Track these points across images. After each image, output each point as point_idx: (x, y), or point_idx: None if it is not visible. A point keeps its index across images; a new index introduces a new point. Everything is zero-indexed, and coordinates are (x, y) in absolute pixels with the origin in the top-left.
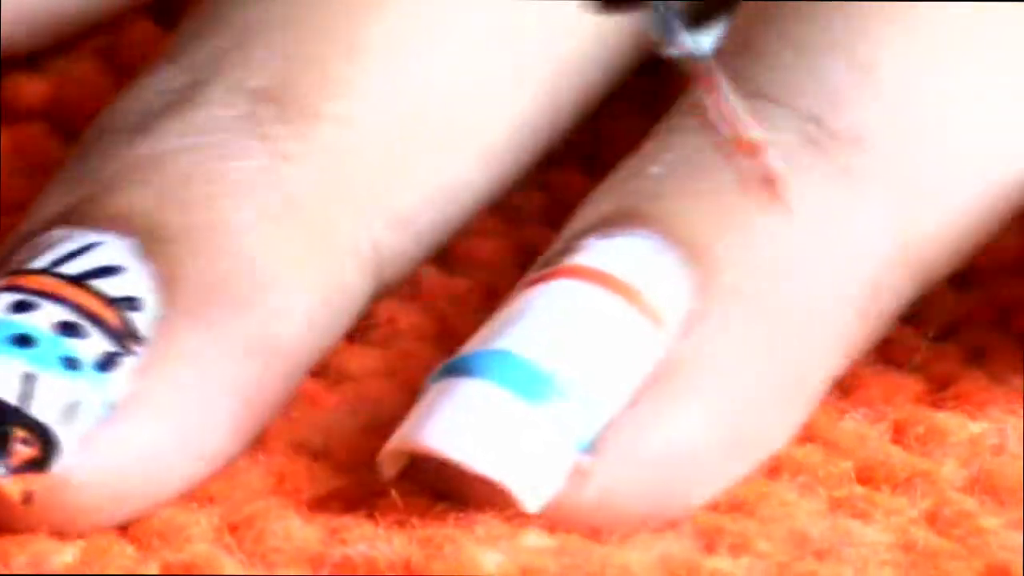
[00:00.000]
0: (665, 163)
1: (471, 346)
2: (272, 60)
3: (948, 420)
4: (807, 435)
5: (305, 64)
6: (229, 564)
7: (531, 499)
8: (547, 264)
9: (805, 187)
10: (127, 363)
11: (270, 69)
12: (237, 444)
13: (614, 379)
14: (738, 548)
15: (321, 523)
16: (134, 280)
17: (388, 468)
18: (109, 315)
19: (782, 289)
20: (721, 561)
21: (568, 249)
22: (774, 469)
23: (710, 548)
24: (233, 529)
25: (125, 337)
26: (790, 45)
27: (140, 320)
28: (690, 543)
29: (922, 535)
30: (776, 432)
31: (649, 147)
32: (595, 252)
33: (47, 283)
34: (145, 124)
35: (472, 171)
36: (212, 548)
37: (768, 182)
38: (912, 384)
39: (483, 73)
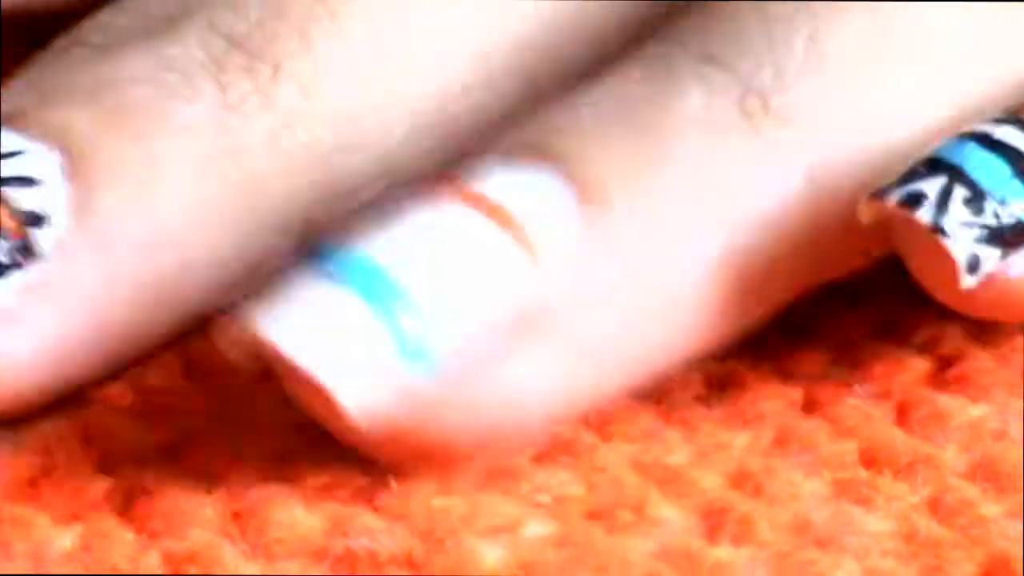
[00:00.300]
0: (596, 96)
1: (340, 239)
2: (257, 9)
3: (950, 403)
4: (811, 407)
5: (285, 21)
6: (231, 554)
7: (353, 404)
8: (445, 179)
9: (721, 155)
10: (15, 277)
11: (252, 18)
12: (95, 379)
13: (468, 302)
14: (740, 536)
15: (324, 514)
16: (48, 196)
17: (227, 348)
18: (11, 225)
19: (668, 250)
20: (722, 551)
21: (467, 171)
22: (780, 440)
23: (712, 534)
24: (236, 517)
25: (22, 251)
26: (758, 12)
27: (42, 237)
28: (692, 527)
29: (923, 523)
30: (623, 379)
31: (586, 85)
32: (489, 178)
33: None
34: (114, 46)
35: (422, 152)
36: (214, 537)
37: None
38: (916, 363)
39: (454, 66)
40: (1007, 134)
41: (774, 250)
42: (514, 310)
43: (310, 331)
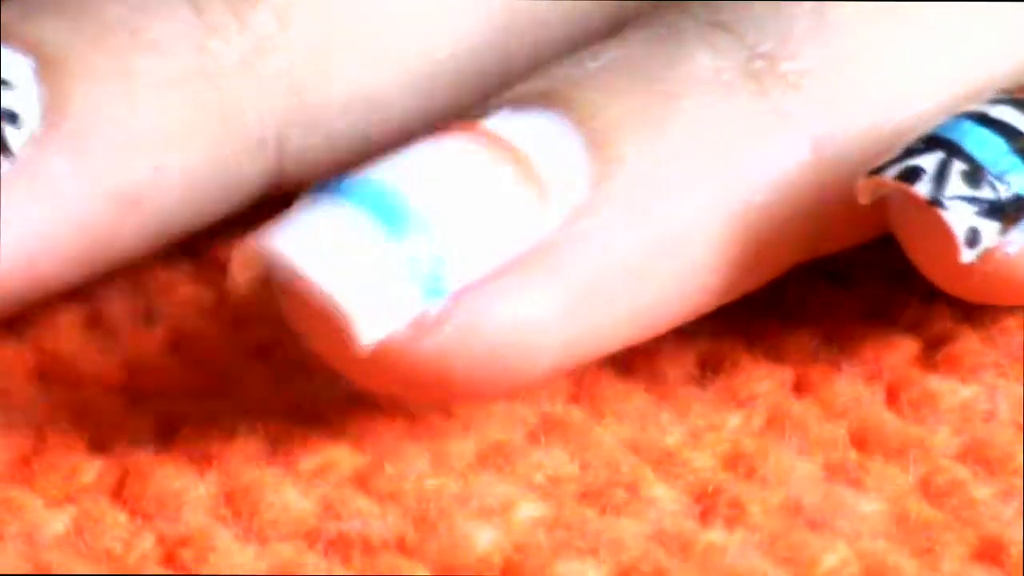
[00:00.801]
0: (604, 58)
1: (351, 172)
2: None
3: (940, 384)
4: (803, 388)
5: None
6: (224, 537)
7: (365, 330)
8: (455, 119)
9: (729, 115)
10: None
11: None
12: (75, 278)
13: (480, 236)
14: (733, 519)
15: (317, 496)
16: (22, 98)
17: (238, 272)
18: None
19: (674, 202)
20: (715, 533)
21: (480, 112)
22: (772, 421)
23: (705, 516)
24: (229, 499)
25: None
26: None
27: (14, 136)
28: (685, 508)
29: (915, 505)
30: (626, 329)
31: (599, 44)
32: (501, 119)
33: None
34: None
35: (400, 89)
36: (208, 520)
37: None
38: (905, 344)
39: (441, 9)
40: (1003, 113)
41: (776, 214)
42: (522, 243)
43: (326, 253)
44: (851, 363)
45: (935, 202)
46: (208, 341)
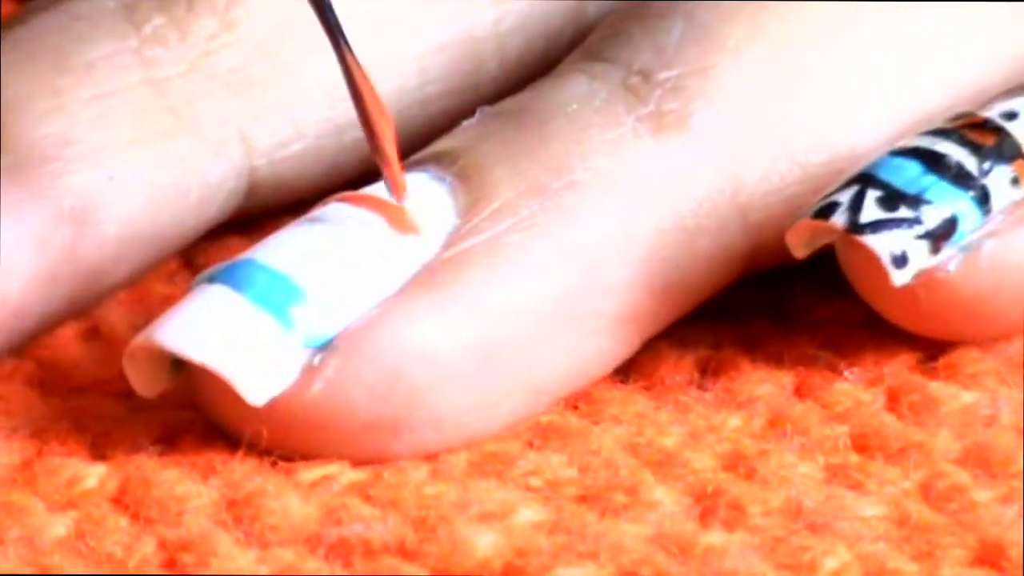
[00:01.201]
0: (478, 114)
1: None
2: None
3: (941, 389)
4: (803, 391)
5: None
6: (226, 541)
7: (253, 392)
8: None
9: (605, 126)
10: None
11: None
12: (44, 301)
13: (358, 287)
14: (733, 521)
15: (318, 502)
16: None
17: (138, 381)
18: None
19: (553, 211)
20: (715, 536)
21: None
22: (773, 423)
23: (705, 518)
24: (231, 505)
25: None
26: (637, 18)
27: None
28: (685, 510)
29: (915, 508)
30: (541, 358)
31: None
32: (376, 184)
33: None
34: (26, 16)
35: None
36: (209, 525)
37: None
38: (905, 351)
39: None
40: (920, 140)
41: (682, 208)
42: (396, 281)
43: (203, 332)
44: (852, 368)
45: (852, 228)
46: None
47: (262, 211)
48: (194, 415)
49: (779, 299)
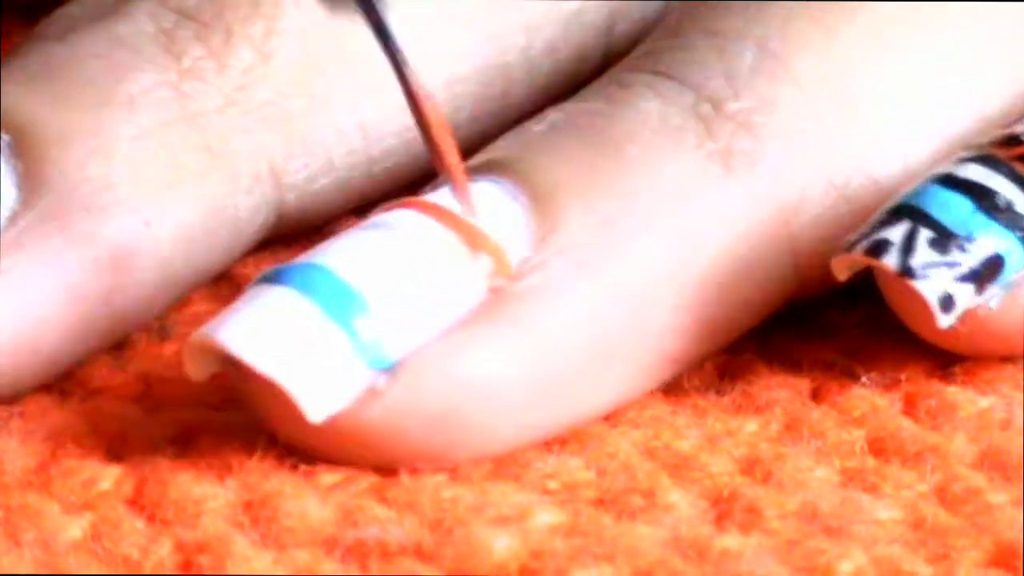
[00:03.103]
0: (547, 120)
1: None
2: None
3: (958, 394)
4: (820, 396)
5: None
6: (242, 543)
7: (314, 409)
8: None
9: (678, 160)
10: None
11: None
12: (79, 349)
13: (425, 305)
14: (749, 524)
15: (334, 504)
16: None
17: (191, 367)
18: None
19: (621, 253)
20: (731, 539)
21: (427, 189)
22: (789, 427)
23: (720, 520)
24: (247, 507)
25: None
26: (704, 31)
27: None
28: (701, 513)
29: (931, 511)
30: (588, 393)
31: (547, 109)
32: (446, 191)
33: None
34: (67, 32)
35: (398, 111)
36: (226, 526)
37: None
38: (922, 356)
39: (418, 15)
40: (971, 172)
41: (735, 263)
42: (464, 306)
43: (270, 340)
44: (869, 374)
45: (905, 272)
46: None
47: (283, 236)
48: (211, 415)
49: (797, 304)
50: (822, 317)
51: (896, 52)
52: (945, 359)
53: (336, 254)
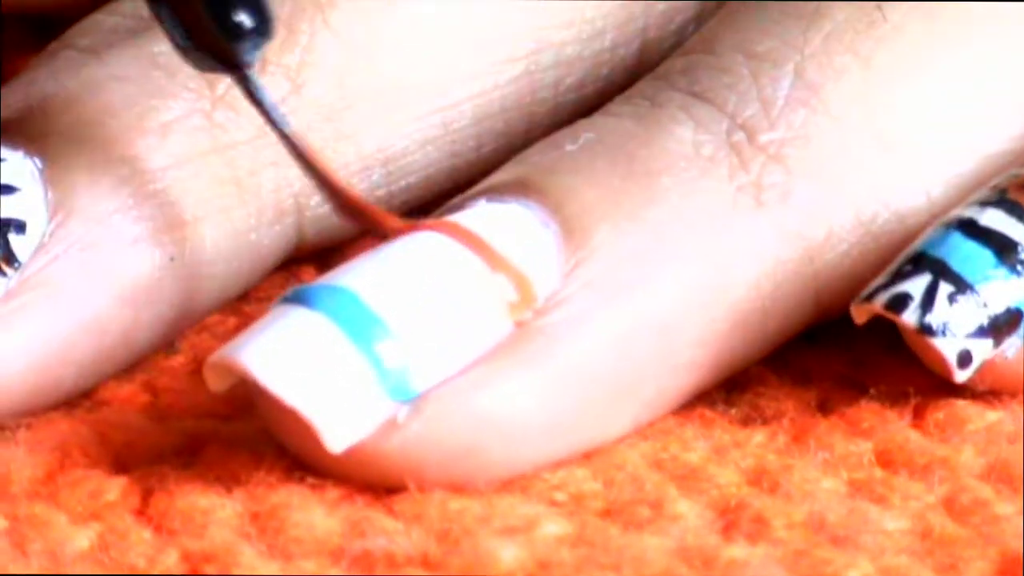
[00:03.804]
0: (583, 139)
1: (317, 279)
2: None
3: (966, 407)
4: (828, 408)
5: (288, 28)
6: (249, 554)
7: (334, 439)
8: (438, 213)
9: (709, 193)
10: None
11: None
12: (97, 379)
13: (446, 336)
14: (755, 534)
15: (341, 516)
16: (26, 203)
17: (212, 382)
18: None
19: (649, 289)
20: (737, 549)
21: (455, 207)
22: (797, 439)
23: (727, 531)
24: (255, 518)
25: (3, 259)
26: (742, 52)
27: (20, 244)
28: (708, 524)
29: (938, 522)
30: (608, 424)
31: (579, 123)
32: (474, 211)
33: None
34: (101, 46)
35: (420, 145)
36: (232, 536)
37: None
38: (929, 371)
39: (448, 53)
40: (993, 219)
41: (763, 295)
42: (492, 338)
43: (292, 364)
44: (877, 386)
45: (924, 330)
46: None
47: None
48: (218, 426)
49: None
50: (831, 329)
51: (930, 86)
52: None
53: (361, 278)
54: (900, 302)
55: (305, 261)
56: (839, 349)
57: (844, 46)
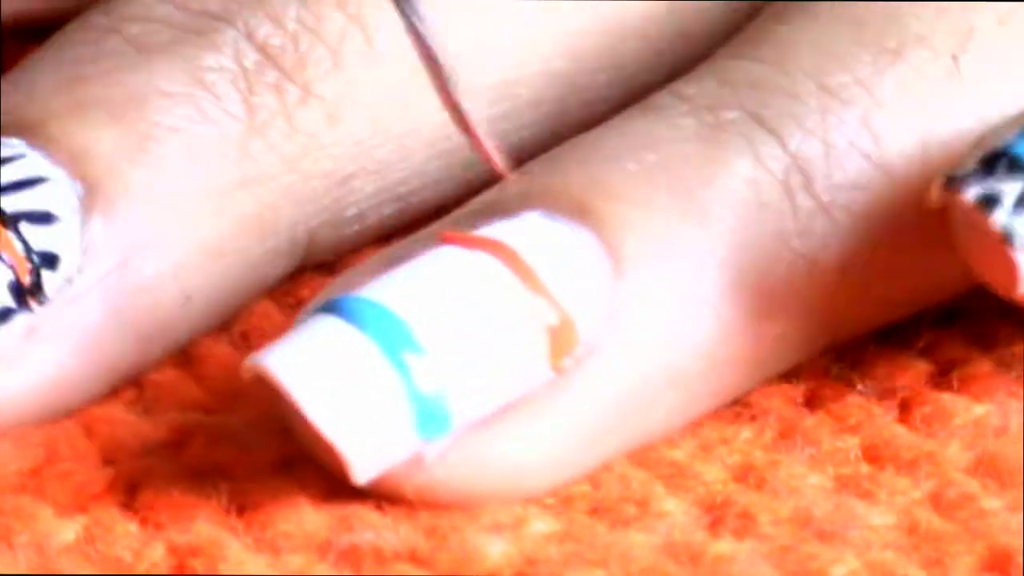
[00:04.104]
0: (646, 161)
1: (349, 289)
2: (293, 20)
3: (953, 401)
4: (814, 403)
5: (320, 36)
6: (236, 547)
7: (362, 472)
8: (481, 213)
9: (759, 246)
10: (17, 321)
11: (288, 29)
12: (91, 400)
13: (487, 370)
14: (742, 529)
15: (329, 510)
16: (63, 235)
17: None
18: (23, 268)
19: (685, 345)
20: (724, 544)
21: (509, 209)
22: (783, 435)
23: (714, 527)
24: (241, 511)
25: (29, 293)
26: (814, 81)
27: (50, 279)
28: (695, 520)
29: (925, 517)
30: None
31: (636, 120)
32: (526, 228)
33: None
34: (152, 48)
35: (434, 182)
36: (219, 530)
37: None
38: (918, 365)
39: (479, 95)
40: None
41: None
42: (533, 378)
43: (325, 383)
44: (864, 381)
45: (1008, 238)
46: (217, 359)
47: None
48: (204, 419)
49: None
50: None
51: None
52: (941, 366)
53: (400, 293)
54: (991, 202)
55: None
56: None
57: (915, 98)
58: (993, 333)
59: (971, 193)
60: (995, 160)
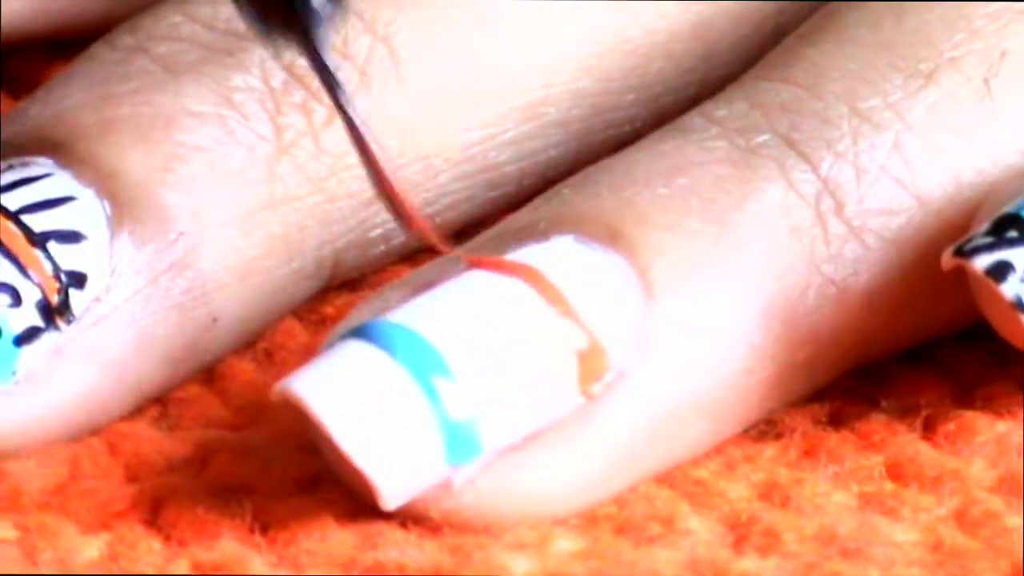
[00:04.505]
0: (675, 184)
1: (380, 314)
2: None
3: (977, 419)
4: (839, 421)
5: (347, 55)
6: (259, 564)
7: (390, 498)
8: (511, 237)
9: (789, 276)
10: (44, 340)
11: None
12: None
13: (518, 396)
14: (766, 547)
15: (353, 527)
16: (91, 255)
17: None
18: (51, 287)
19: (723, 361)
20: (748, 562)
21: (538, 232)
22: (808, 453)
23: (739, 544)
24: (265, 529)
25: (57, 312)
26: (847, 103)
27: (78, 298)
28: (719, 538)
29: (949, 534)
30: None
31: (668, 143)
32: (558, 254)
33: (6, 233)
34: (180, 67)
35: (468, 205)
36: (242, 548)
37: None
38: (941, 383)
39: (505, 115)
40: None
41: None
42: (563, 405)
43: (354, 409)
44: (888, 399)
45: (1020, 307)
46: (241, 376)
47: None
48: (228, 436)
49: None
50: None
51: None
52: (964, 384)
53: (431, 320)
54: (1002, 271)
55: None
56: None
57: (946, 122)
58: (1016, 351)
59: (981, 262)
60: (1005, 225)
